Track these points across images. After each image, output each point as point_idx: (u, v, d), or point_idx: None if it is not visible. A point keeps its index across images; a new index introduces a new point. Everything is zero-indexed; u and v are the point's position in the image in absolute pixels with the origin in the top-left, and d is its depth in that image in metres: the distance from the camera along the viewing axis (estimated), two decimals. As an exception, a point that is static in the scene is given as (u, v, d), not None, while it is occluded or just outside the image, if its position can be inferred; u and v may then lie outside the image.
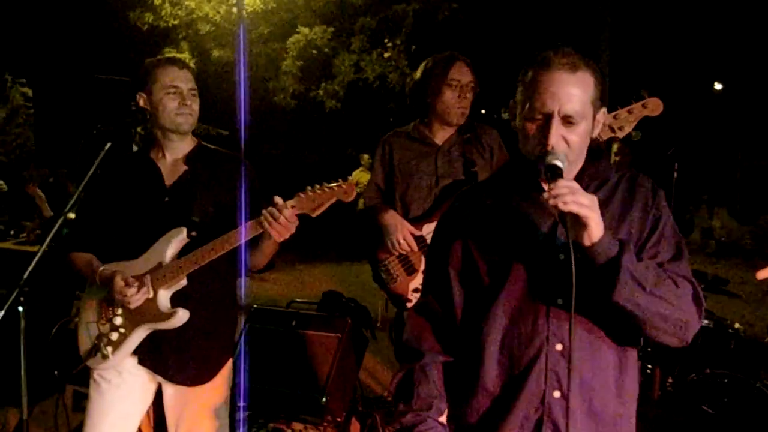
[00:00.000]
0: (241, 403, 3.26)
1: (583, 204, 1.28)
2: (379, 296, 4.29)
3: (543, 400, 1.40)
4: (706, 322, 3.30)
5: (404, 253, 2.71)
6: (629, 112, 2.18)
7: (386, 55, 10.27)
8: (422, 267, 2.70)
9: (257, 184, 2.25)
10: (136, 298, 2.07)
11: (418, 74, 2.80)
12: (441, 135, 2.80)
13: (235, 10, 8.81)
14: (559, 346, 1.40)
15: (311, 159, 11.49)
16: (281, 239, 2.02)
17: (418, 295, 2.48)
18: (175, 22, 9.42)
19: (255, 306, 3.70)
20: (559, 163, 1.35)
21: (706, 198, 9.89)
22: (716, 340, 3.23)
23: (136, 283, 2.08)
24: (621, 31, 9.69)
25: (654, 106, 2.18)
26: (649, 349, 3.26)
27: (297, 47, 9.73)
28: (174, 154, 2.23)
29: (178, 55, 2.29)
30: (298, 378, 3.38)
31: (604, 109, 1.47)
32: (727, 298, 3.79)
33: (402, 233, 2.68)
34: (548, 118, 1.37)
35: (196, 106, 2.19)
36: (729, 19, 10.68)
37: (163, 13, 9.34)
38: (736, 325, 3.34)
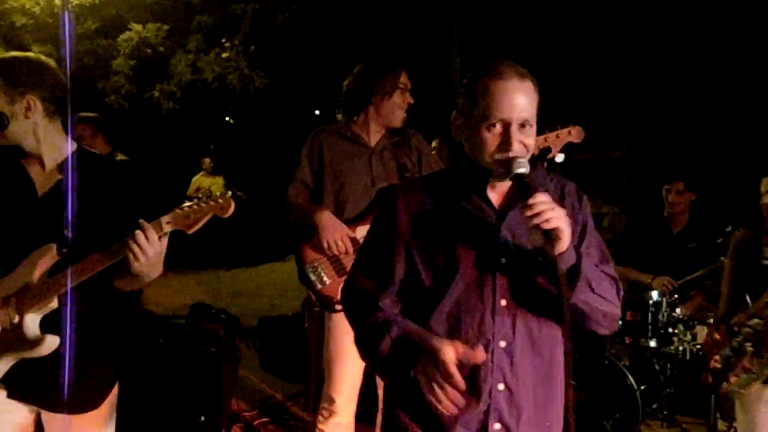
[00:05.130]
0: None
1: (562, 218, 1.39)
2: (248, 302, 4.19)
3: (490, 393, 1.50)
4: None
5: (338, 254, 2.68)
6: (557, 136, 2.35)
7: (224, 55, 9.98)
8: None
9: (138, 196, 2.04)
10: None
11: (361, 75, 2.78)
12: (375, 136, 2.82)
13: (57, 1, 8.02)
14: (503, 343, 1.50)
15: (150, 163, 10.82)
16: (137, 268, 1.83)
17: None
18: (-16, 13, 8.38)
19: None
20: (524, 170, 1.45)
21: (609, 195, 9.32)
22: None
23: None
24: (470, 26, 9.65)
25: (577, 133, 2.37)
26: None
27: (129, 45, 9.13)
28: (48, 161, 1.99)
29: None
30: (173, 397, 3.22)
31: None
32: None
33: (340, 234, 2.65)
34: (508, 125, 1.47)
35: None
36: (579, 12, 10.31)
37: (-34, 1, 8.26)
38: None
